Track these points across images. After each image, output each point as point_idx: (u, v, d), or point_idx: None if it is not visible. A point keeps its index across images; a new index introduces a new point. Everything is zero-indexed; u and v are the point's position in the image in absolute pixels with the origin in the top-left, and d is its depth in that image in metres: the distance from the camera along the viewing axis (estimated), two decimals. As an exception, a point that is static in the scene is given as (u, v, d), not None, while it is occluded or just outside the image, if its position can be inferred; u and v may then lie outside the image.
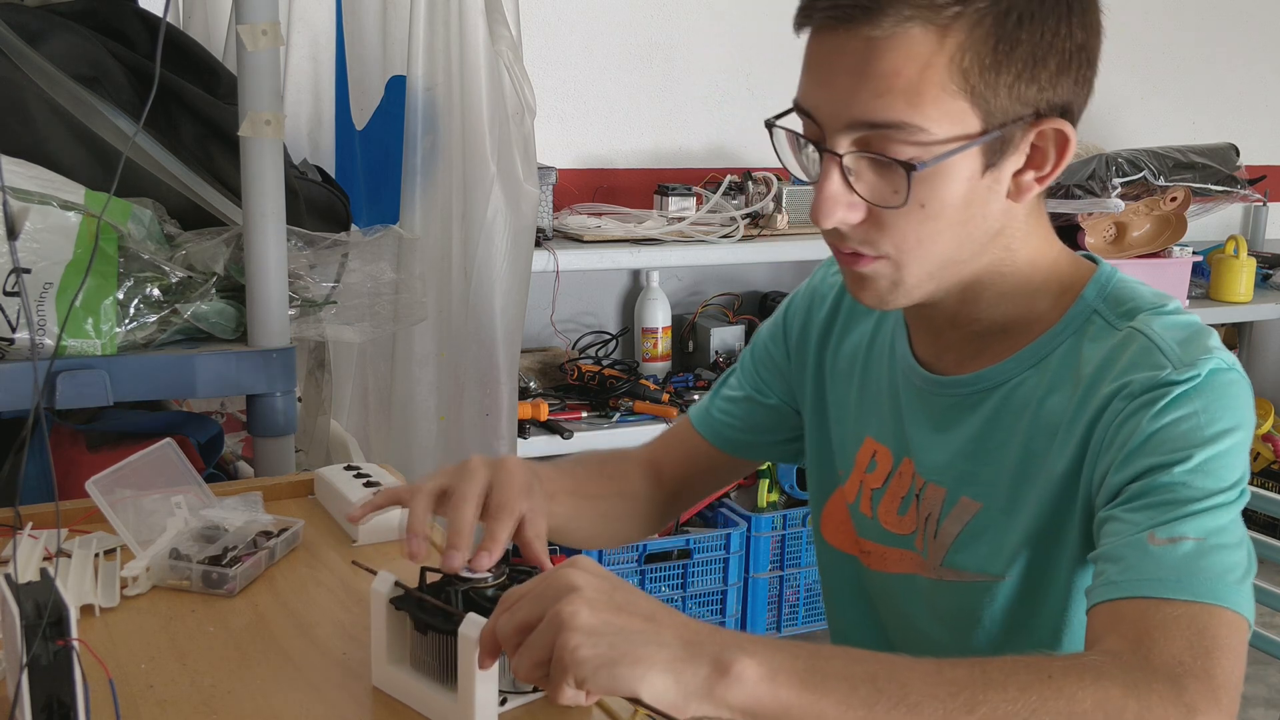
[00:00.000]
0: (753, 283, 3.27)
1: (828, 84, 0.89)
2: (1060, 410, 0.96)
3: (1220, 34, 3.69)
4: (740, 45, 3.15)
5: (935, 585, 1.05)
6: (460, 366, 2.34)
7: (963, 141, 0.88)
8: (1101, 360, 0.94)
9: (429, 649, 0.87)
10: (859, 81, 0.87)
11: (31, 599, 0.74)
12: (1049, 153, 0.92)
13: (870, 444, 1.12)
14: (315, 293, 1.44)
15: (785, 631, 2.96)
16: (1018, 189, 0.93)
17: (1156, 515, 0.86)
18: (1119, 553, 0.86)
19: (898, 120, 0.86)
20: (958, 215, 0.91)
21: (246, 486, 1.30)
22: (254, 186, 1.35)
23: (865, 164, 0.90)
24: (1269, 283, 3.50)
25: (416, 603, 0.87)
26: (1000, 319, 1.00)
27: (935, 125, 0.87)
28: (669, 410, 2.71)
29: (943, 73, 0.86)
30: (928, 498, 1.05)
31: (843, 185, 0.90)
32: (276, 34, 1.33)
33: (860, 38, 0.86)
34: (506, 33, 2.18)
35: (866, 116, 0.87)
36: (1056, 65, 0.89)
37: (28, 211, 1.27)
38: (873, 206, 0.91)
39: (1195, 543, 0.84)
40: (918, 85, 0.86)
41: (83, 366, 1.28)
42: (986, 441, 1.00)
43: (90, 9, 1.49)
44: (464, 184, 2.24)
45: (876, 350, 1.13)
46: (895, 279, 0.95)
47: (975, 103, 0.87)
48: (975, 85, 0.86)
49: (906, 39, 0.85)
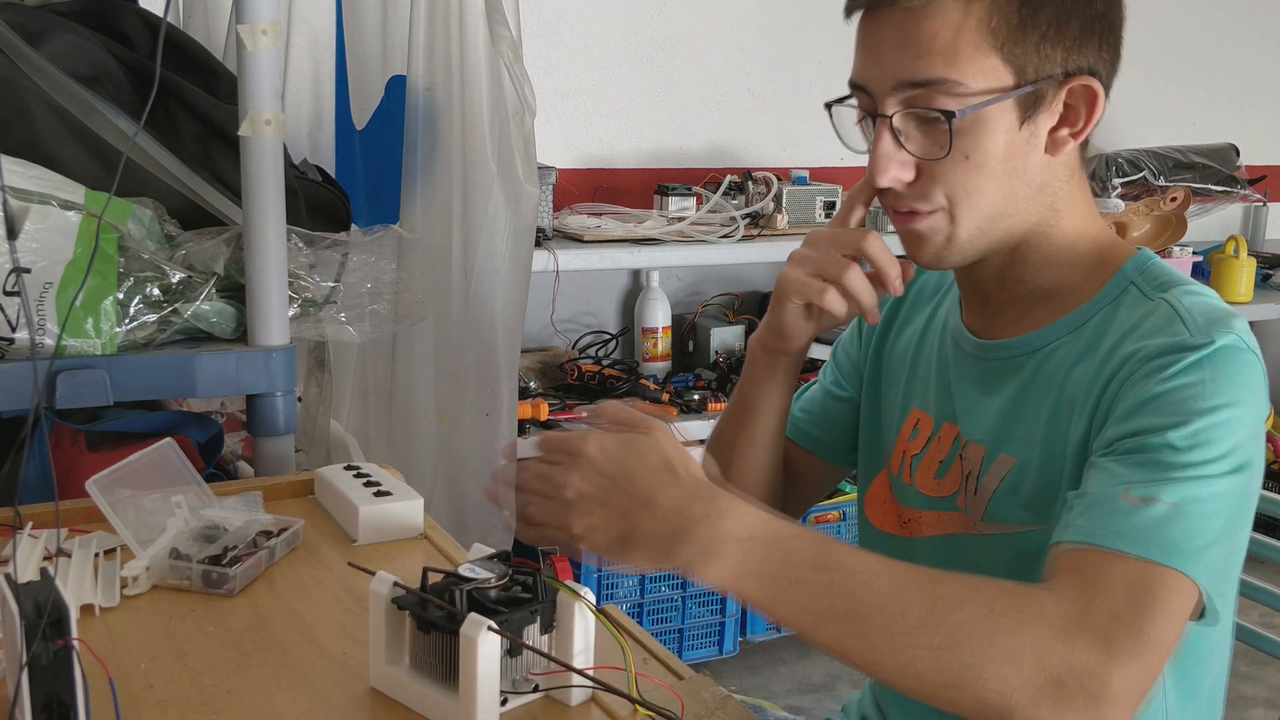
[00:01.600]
0: (753, 283, 3.27)
1: (876, 56, 1.00)
2: (1081, 381, 1.01)
3: (1221, 34, 3.69)
4: (740, 45, 3.15)
5: (980, 541, 1.08)
6: (460, 366, 2.34)
7: (997, 94, 0.97)
8: (1128, 327, 1.00)
9: (430, 649, 0.87)
10: (901, 48, 0.97)
11: (31, 599, 0.74)
12: (1080, 110, 1.00)
13: (915, 414, 1.17)
14: (315, 293, 1.44)
15: (785, 631, 2.95)
16: (1054, 144, 1.01)
17: (1139, 474, 0.90)
18: (1092, 500, 0.90)
19: (937, 76, 0.96)
20: (1000, 166, 0.99)
21: (246, 486, 1.30)
22: (254, 186, 1.35)
23: (913, 124, 1.00)
24: (1269, 283, 3.50)
25: (419, 602, 0.87)
26: (1045, 284, 1.06)
27: (971, 79, 0.96)
28: (669, 410, 2.71)
29: (974, 33, 0.96)
30: (969, 456, 1.09)
31: (894, 144, 1.00)
32: (276, 34, 1.33)
33: (900, 10, 0.97)
34: (506, 33, 2.18)
35: (910, 76, 0.97)
36: (1079, 28, 0.98)
37: (28, 211, 1.27)
38: (921, 161, 1.00)
39: (1167, 507, 0.88)
40: (953, 45, 0.96)
41: (83, 366, 1.28)
42: (1023, 403, 1.05)
43: (90, 9, 1.49)
44: (464, 184, 2.24)
45: (931, 331, 1.19)
46: (949, 233, 1.02)
47: (1006, 59, 0.97)
48: (1005, 43, 0.96)
49: (940, 6, 0.96)
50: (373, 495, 1.22)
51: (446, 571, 0.90)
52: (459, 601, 0.86)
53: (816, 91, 3.28)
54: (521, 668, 0.88)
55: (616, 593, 2.68)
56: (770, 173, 2.88)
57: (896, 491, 1.18)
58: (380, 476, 1.27)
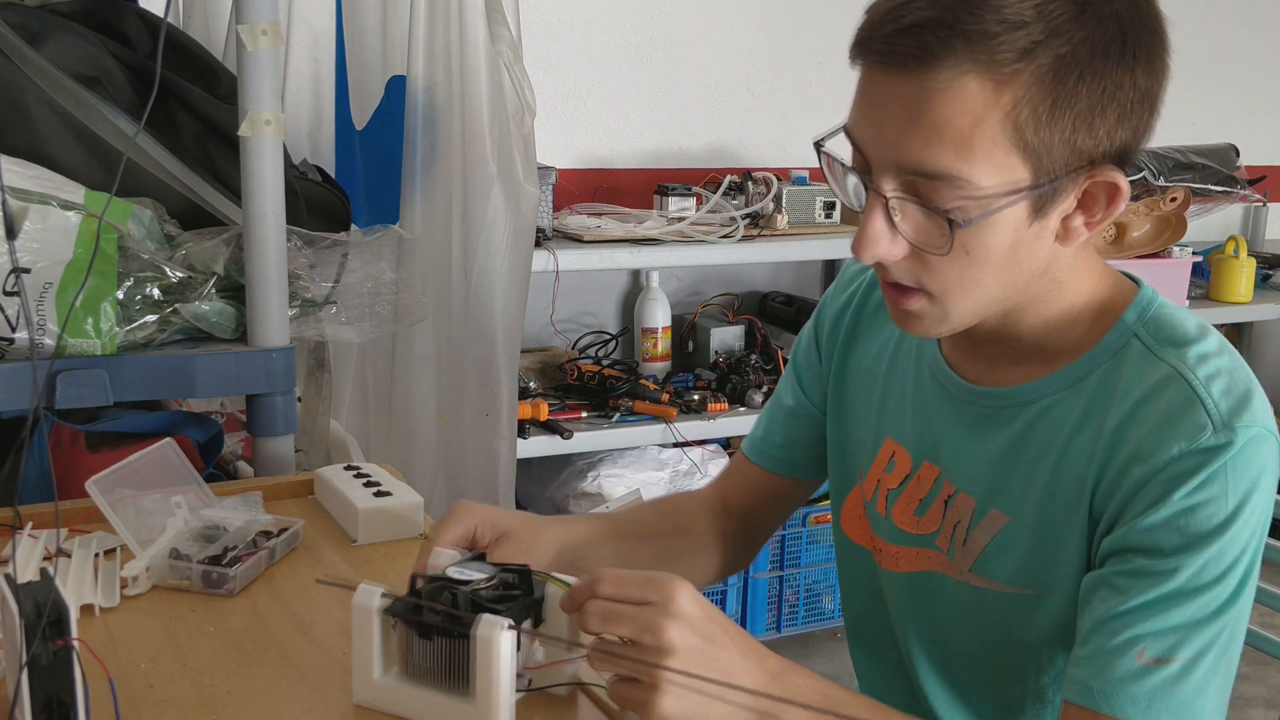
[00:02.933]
0: (752, 283, 3.27)
1: (878, 124, 0.88)
2: (1084, 452, 0.95)
3: (1221, 34, 3.69)
4: (740, 45, 3.15)
5: (962, 587, 1.05)
6: (460, 366, 2.34)
7: (1011, 196, 0.87)
8: (1137, 400, 0.92)
9: (432, 655, 0.86)
10: (910, 127, 0.85)
11: (31, 599, 0.74)
12: (1100, 199, 0.90)
13: (890, 445, 1.12)
14: (315, 293, 1.44)
15: (785, 631, 2.97)
16: (1066, 233, 0.92)
17: (1152, 616, 0.88)
18: (1104, 651, 0.89)
19: (946, 172, 0.85)
20: (1003, 261, 0.90)
21: (246, 486, 1.30)
22: (254, 186, 1.35)
23: (911, 206, 0.89)
24: (1269, 283, 3.50)
25: (414, 609, 0.86)
26: (1041, 340, 0.99)
27: (984, 178, 0.85)
28: (669, 410, 2.71)
29: (996, 127, 0.84)
30: (958, 505, 1.04)
31: (886, 224, 0.90)
32: (276, 34, 1.33)
33: (914, 83, 0.84)
34: (506, 33, 2.18)
35: (915, 163, 0.86)
36: (1116, 116, 0.87)
37: (28, 211, 1.27)
38: (916, 248, 0.90)
39: (1182, 664, 0.87)
40: (969, 137, 0.84)
41: (83, 366, 1.28)
42: (1017, 458, 1.00)
43: (90, 9, 1.49)
44: (464, 184, 2.24)
45: (903, 352, 1.13)
46: (940, 316, 0.95)
47: (1027, 156, 0.86)
48: (1029, 139, 0.85)
49: (961, 90, 0.83)
50: (373, 495, 1.22)
51: (432, 576, 0.90)
52: (461, 604, 0.85)
53: (816, 91, 3.31)
54: (517, 664, 0.88)
55: (616, 593, 2.67)
56: (770, 173, 2.88)
57: (872, 520, 1.15)
58: (380, 476, 1.27)
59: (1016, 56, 0.83)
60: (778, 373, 2.93)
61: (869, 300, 1.18)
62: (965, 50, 0.83)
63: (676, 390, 2.83)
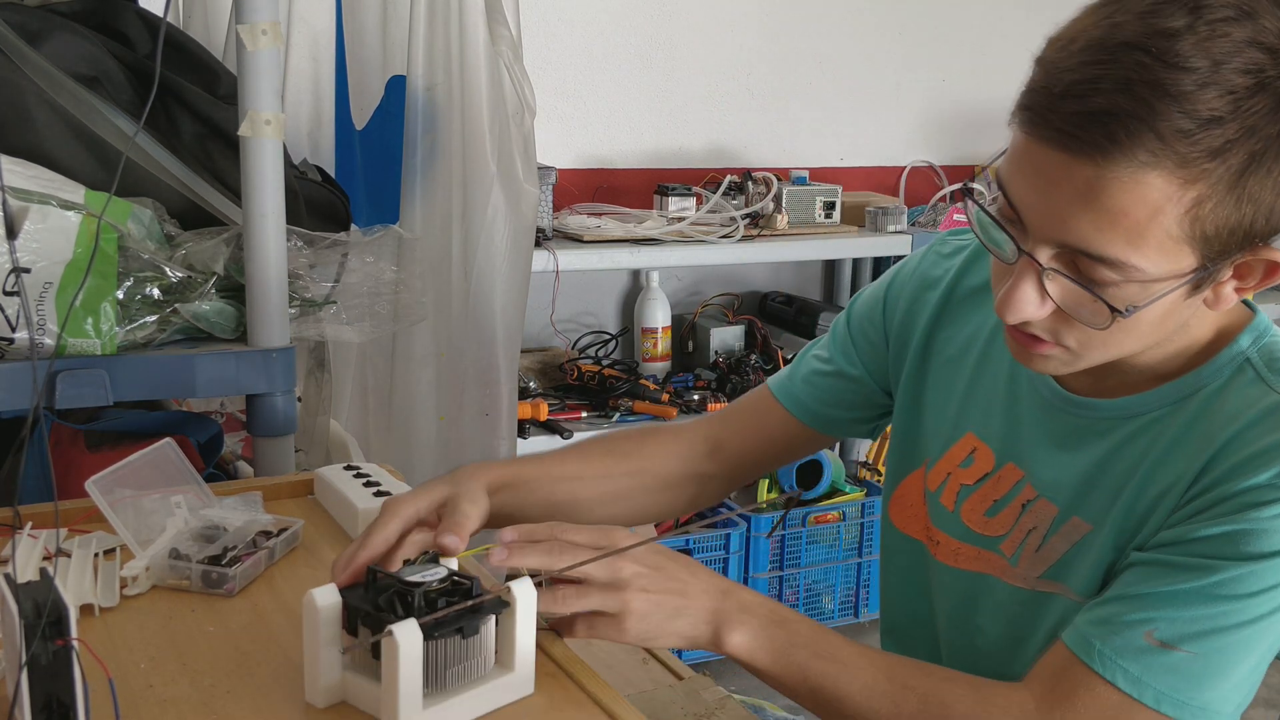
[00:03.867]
0: (752, 283, 3.27)
1: (1044, 197, 0.84)
2: (1175, 474, 0.93)
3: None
4: (740, 45, 3.15)
5: (1017, 592, 1.04)
6: (460, 366, 2.34)
7: (1176, 281, 0.85)
8: (1241, 427, 0.91)
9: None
10: (1080, 209, 0.82)
11: (31, 599, 0.74)
12: (1257, 270, 0.88)
13: (970, 439, 1.10)
14: (315, 293, 1.44)
15: (785, 631, 2.96)
16: (1215, 299, 0.90)
17: (1176, 605, 0.88)
18: (1113, 616, 0.90)
19: (1114, 259, 0.83)
20: (1152, 329, 0.90)
21: (246, 486, 1.30)
22: (254, 186, 1.35)
23: (1066, 279, 0.87)
24: (1269, 283, 3.49)
25: (362, 601, 0.87)
26: (1155, 367, 0.97)
27: (1151, 266, 0.83)
28: (669, 410, 2.71)
29: (1173, 221, 0.81)
30: (1036, 511, 1.03)
31: (1037, 291, 0.88)
32: (276, 34, 1.33)
33: (1093, 169, 0.81)
34: (506, 33, 2.18)
35: (1081, 244, 0.84)
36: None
37: (28, 211, 1.27)
38: (1065, 314, 0.89)
39: (1186, 656, 0.87)
40: (1144, 229, 0.81)
41: (83, 366, 1.28)
42: (1109, 470, 0.98)
43: (90, 9, 1.49)
44: (464, 184, 2.24)
45: (998, 347, 1.10)
46: (1070, 363, 0.94)
47: (1198, 246, 0.83)
48: (1205, 232, 0.82)
49: (1144, 184, 0.80)
50: (373, 495, 1.21)
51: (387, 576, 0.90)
52: (415, 602, 0.86)
53: (817, 92, 3.31)
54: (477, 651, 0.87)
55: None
56: (770, 173, 2.88)
57: (933, 512, 1.13)
58: (380, 476, 1.27)
59: (1208, 156, 0.80)
60: (778, 373, 2.93)
61: (960, 286, 1.14)
62: (1155, 145, 0.79)
63: (676, 390, 2.83)
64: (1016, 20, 3.40)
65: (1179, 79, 0.78)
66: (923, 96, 3.40)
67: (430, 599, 0.86)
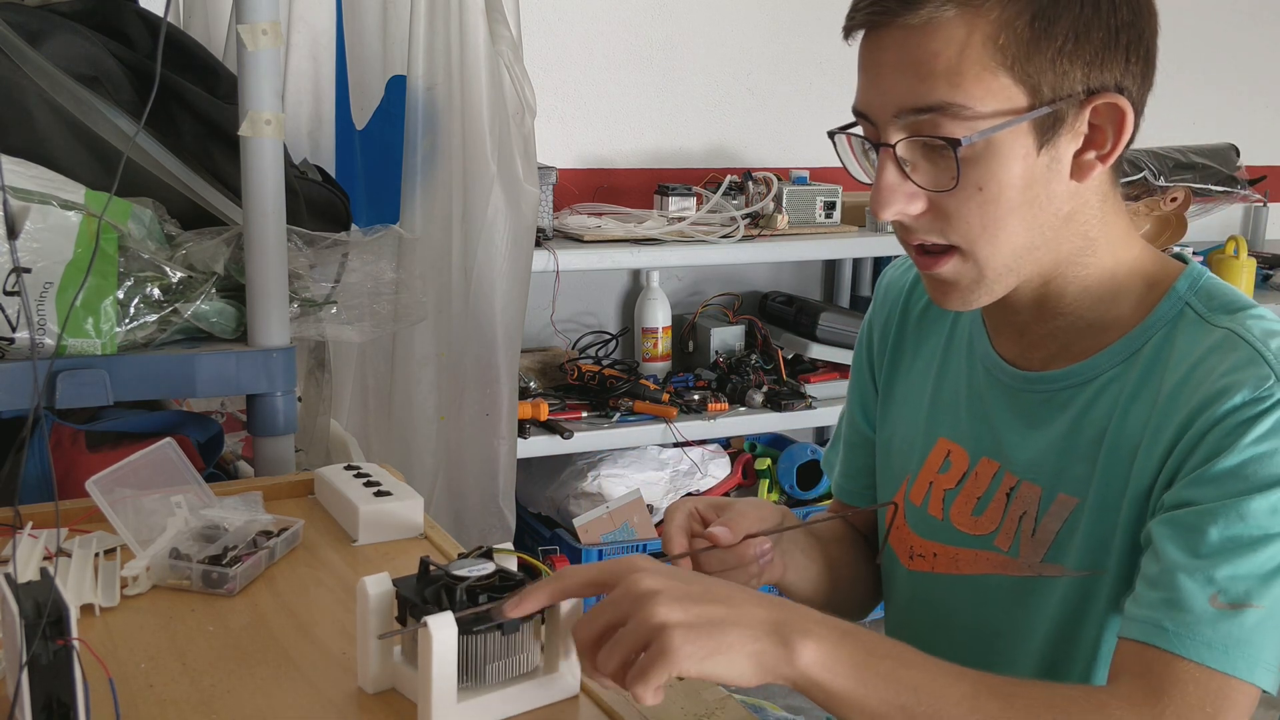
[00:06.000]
0: (753, 283, 3.27)
1: (876, 81, 0.93)
2: (1141, 420, 0.95)
3: (1221, 33, 3.69)
4: (740, 45, 3.15)
5: (1025, 583, 1.04)
6: (460, 366, 2.34)
7: (1009, 116, 0.89)
8: (1193, 362, 0.93)
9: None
10: (901, 70, 0.90)
11: (31, 598, 0.74)
12: (1107, 131, 0.93)
13: (944, 444, 1.11)
14: (315, 293, 1.44)
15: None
16: (1079, 169, 0.94)
17: (1226, 559, 0.86)
18: (1177, 593, 0.87)
19: (941, 101, 0.89)
20: (1019, 196, 0.92)
21: (246, 486, 1.30)
22: (254, 186, 1.35)
23: (919, 152, 0.92)
24: (1269, 283, 3.50)
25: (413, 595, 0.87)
26: (1087, 314, 1.00)
27: (979, 103, 0.89)
28: (669, 410, 2.71)
29: (980, 51, 0.88)
30: (1022, 496, 1.04)
31: (898, 175, 0.93)
32: (276, 34, 1.33)
33: (899, 29, 0.89)
34: (506, 33, 2.18)
35: (911, 102, 0.90)
36: (1102, 41, 0.90)
37: (28, 211, 1.27)
38: (931, 194, 0.93)
39: (1258, 612, 0.85)
40: (957, 65, 0.88)
41: (83, 366, 1.28)
42: (1078, 438, 1.00)
43: (90, 9, 1.48)
44: (464, 184, 2.24)
45: (954, 351, 1.13)
46: (975, 276, 0.96)
47: (1019, 79, 0.89)
48: (1015, 61, 0.89)
49: (942, 23, 0.88)
50: (373, 495, 1.22)
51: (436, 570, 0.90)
52: (458, 596, 0.85)
53: (817, 92, 3.31)
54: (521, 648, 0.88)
55: (616, 593, 2.67)
56: (770, 173, 2.88)
57: (915, 522, 1.13)
58: (380, 476, 1.27)
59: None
60: (778, 373, 2.93)
61: (911, 310, 1.18)
62: None
63: (677, 390, 2.83)
64: (1016, 20, 3.40)
65: None
66: (923, 96, 3.40)
67: (473, 593, 0.86)
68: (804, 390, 2.90)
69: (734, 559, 1.03)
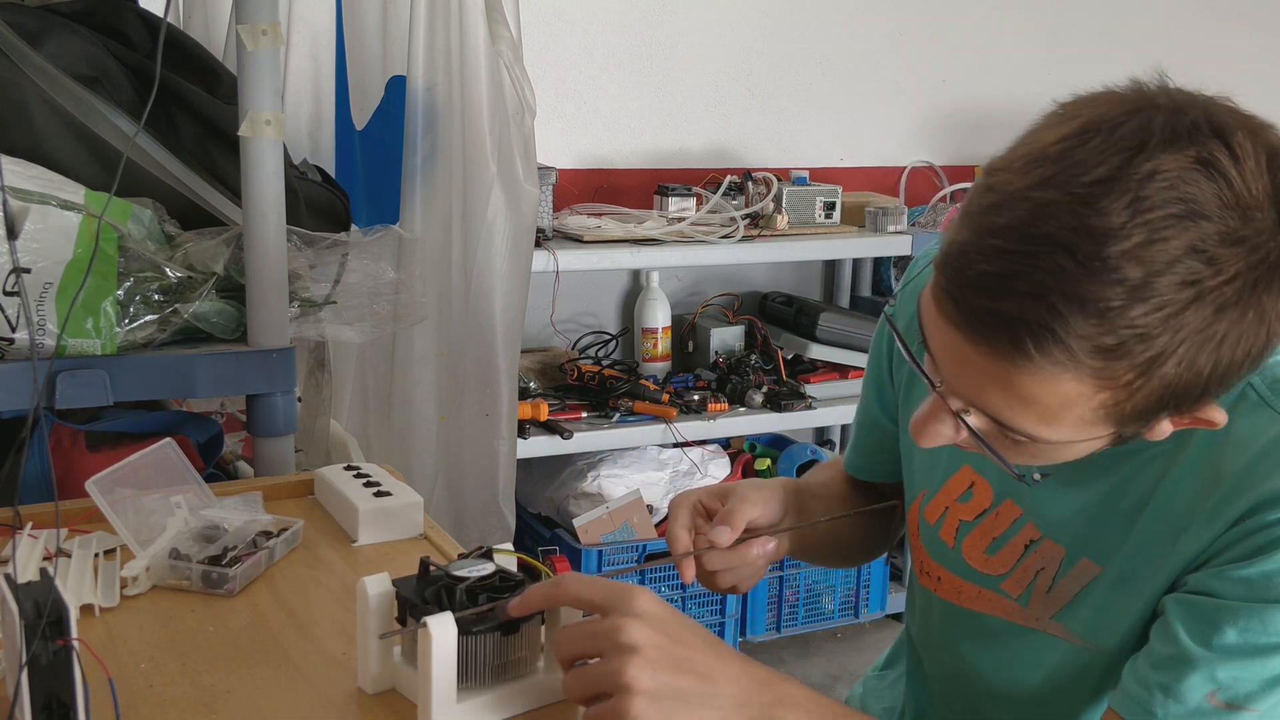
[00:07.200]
0: (753, 283, 3.27)
1: (956, 366, 0.81)
2: (1195, 503, 0.89)
3: (1221, 33, 3.69)
4: (740, 45, 3.15)
5: (1030, 634, 1.02)
6: (460, 366, 2.34)
7: (1095, 441, 0.82)
8: (1258, 453, 0.86)
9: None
10: (991, 387, 0.79)
11: (31, 599, 0.74)
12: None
13: (968, 473, 1.06)
14: (315, 293, 1.44)
15: (785, 631, 2.97)
16: (1152, 433, 0.85)
17: (1237, 658, 0.84)
18: (1179, 682, 0.85)
19: (1027, 432, 0.80)
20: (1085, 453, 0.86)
21: (246, 486, 1.30)
22: (254, 186, 1.35)
23: (984, 422, 0.83)
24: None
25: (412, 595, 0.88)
26: None
27: (1066, 437, 0.81)
28: (669, 410, 2.71)
29: (1089, 411, 0.78)
30: (1042, 552, 1.00)
31: (952, 427, 0.85)
32: (276, 34, 1.33)
33: (1001, 363, 0.76)
34: (506, 33, 2.18)
35: (993, 413, 0.80)
36: (1215, 392, 0.80)
37: (28, 211, 1.27)
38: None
39: (1252, 716, 0.84)
40: (1057, 414, 0.78)
41: (83, 366, 1.28)
42: (1114, 506, 0.95)
43: (90, 9, 1.48)
44: (464, 184, 2.24)
45: None
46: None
47: (1114, 424, 0.80)
48: (1120, 419, 0.79)
49: (1056, 381, 0.75)
50: (373, 495, 1.22)
51: (436, 571, 0.90)
52: (457, 596, 0.86)
53: (817, 92, 3.31)
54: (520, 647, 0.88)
55: (616, 593, 2.67)
56: (770, 173, 2.88)
57: (931, 547, 1.10)
58: (380, 476, 1.27)
59: (1129, 369, 0.74)
60: (778, 373, 2.93)
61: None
62: (1067, 359, 0.73)
63: (676, 390, 2.83)
64: (1016, 20, 3.40)
65: (1105, 293, 0.71)
66: (923, 96, 3.40)
67: (473, 594, 0.86)
68: (804, 391, 2.90)
69: (736, 558, 1.02)
